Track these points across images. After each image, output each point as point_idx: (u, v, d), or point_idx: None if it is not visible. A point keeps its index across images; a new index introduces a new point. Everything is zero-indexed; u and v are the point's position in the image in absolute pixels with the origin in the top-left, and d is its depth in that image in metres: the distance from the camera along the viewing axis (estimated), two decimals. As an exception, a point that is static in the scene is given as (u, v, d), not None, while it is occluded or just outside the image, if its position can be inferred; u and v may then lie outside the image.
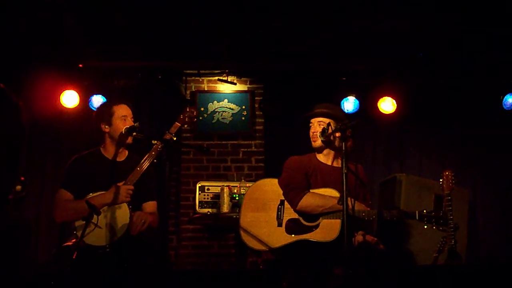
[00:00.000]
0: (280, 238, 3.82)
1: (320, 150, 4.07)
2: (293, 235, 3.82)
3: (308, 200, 3.83)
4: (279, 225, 3.86)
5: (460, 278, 3.77)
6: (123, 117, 3.92)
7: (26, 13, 5.26)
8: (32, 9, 5.21)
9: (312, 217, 3.84)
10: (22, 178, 3.56)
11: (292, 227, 3.85)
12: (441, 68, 6.17)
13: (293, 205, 3.86)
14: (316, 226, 3.80)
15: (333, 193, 3.83)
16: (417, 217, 3.76)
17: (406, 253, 5.10)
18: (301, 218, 3.84)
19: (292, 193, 3.88)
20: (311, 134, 4.06)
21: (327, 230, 3.76)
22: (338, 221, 3.74)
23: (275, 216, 3.88)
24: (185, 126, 4.10)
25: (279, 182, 4.00)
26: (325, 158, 4.08)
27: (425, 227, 3.75)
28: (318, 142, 4.01)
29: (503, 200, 6.46)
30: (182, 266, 6.18)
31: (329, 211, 3.79)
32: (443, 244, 4.63)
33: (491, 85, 6.28)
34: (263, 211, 3.90)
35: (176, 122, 3.95)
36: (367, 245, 3.81)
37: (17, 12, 5.25)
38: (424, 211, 3.75)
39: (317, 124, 4.02)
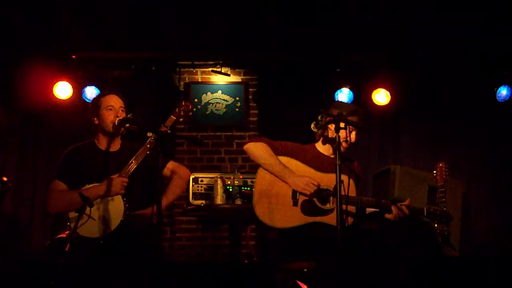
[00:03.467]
0: (295, 218, 3.75)
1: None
2: (308, 217, 3.77)
3: (257, 146, 3.87)
4: (295, 204, 3.78)
5: (454, 269, 3.77)
6: (108, 107, 3.90)
7: (19, 3, 5.23)
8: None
9: (326, 199, 3.79)
10: (5, 179, 3.58)
11: (307, 209, 3.78)
12: (437, 63, 6.20)
13: (244, 144, 3.94)
14: (331, 210, 3.75)
15: (311, 172, 3.82)
16: (425, 214, 3.82)
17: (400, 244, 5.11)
18: (316, 200, 3.76)
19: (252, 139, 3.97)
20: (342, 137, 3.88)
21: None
22: (353, 207, 3.73)
23: (290, 195, 3.80)
24: (180, 119, 4.09)
25: None
26: (325, 149, 4.08)
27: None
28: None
29: (496, 192, 6.48)
30: (176, 258, 6.18)
31: (273, 173, 3.79)
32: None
33: (485, 76, 6.29)
34: (275, 197, 3.80)
35: (172, 116, 3.94)
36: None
37: (10, 3, 5.21)
38: (432, 209, 3.81)
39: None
